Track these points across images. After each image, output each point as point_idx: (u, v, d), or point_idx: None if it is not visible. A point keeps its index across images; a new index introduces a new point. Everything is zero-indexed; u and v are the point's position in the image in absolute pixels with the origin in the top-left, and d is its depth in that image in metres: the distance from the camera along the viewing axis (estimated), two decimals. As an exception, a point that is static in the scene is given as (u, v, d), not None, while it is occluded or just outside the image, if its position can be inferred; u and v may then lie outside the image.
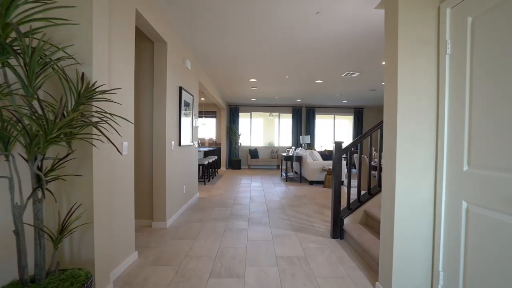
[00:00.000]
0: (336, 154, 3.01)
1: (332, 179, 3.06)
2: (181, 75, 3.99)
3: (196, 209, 4.29)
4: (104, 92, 1.61)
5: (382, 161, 3.08)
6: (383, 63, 4.82)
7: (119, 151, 1.57)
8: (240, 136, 10.80)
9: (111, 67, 2.06)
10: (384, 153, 1.91)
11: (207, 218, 3.78)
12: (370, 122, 10.96)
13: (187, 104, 4.29)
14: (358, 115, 10.82)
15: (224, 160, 10.17)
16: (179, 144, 3.91)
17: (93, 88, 1.60)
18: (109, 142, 1.66)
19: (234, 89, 7.72)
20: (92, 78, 1.68)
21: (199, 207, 4.39)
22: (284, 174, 8.15)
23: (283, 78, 6.25)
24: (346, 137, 11.24)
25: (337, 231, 3.04)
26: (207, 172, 7.04)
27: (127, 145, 2.30)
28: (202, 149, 6.99)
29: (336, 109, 10.98)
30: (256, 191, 5.94)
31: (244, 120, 11.04)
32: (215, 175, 8.25)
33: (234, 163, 10.21)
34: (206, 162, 6.55)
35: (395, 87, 1.76)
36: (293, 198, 5.23)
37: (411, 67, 1.72)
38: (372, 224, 2.89)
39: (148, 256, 2.54)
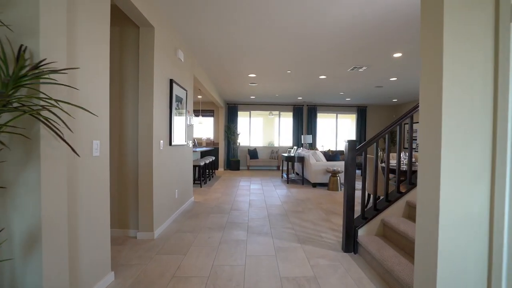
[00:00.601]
0: (349, 154, 2.60)
1: (345, 184, 2.65)
2: (172, 67, 3.57)
3: (189, 215, 3.87)
4: (53, 71, 1.19)
5: (401, 163, 2.66)
6: (395, 55, 4.41)
7: (74, 150, 1.16)
8: (239, 136, 10.39)
9: (75, 48, 1.63)
10: (421, 157, 1.50)
11: (201, 227, 3.36)
12: (373, 121, 10.56)
13: (179, 100, 3.87)
14: (362, 114, 10.42)
15: (222, 160, 9.74)
16: (170, 144, 3.49)
17: (38, 65, 1.18)
18: (60, 139, 1.25)
19: (233, 86, 7.31)
20: (38, 54, 1.26)
21: (193, 214, 3.97)
22: (285, 176, 7.74)
23: (284, 73, 5.84)
24: (349, 137, 10.83)
25: (350, 244, 2.62)
26: (203, 174, 6.62)
27: (99, 144, 1.88)
28: (199, 149, 6.57)
29: (338, 108, 10.58)
30: (256, 194, 5.52)
31: (243, 119, 10.63)
32: (212, 177, 7.83)
33: (233, 164, 9.79)
34: (202, 163, 6.13)
35: (439, 64, 1.34)
36: (296, 202, 4.82)
37: (461, 40, 1.31)
38: (392, 237, 2.48)
39: (126, 277, 2.12)
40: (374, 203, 2.69)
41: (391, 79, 6.14)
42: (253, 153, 10.11)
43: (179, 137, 3.88)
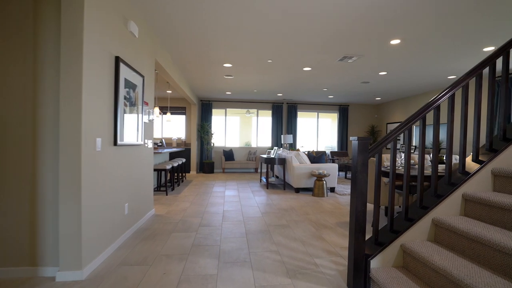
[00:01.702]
0: (360, 157, 1.89)
1: (352, 198, 1.94)
2: (120, 42, 2.67)
3: (144, 236, 2.97)
4: None
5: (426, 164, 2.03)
6: (393, 41, 3.83)
7: None
8: (213, 136, 9.50)
9: None
10: None
11: (157, 255, 2.49)
12: (355, 120, 10.18)
13: (131, 86, 2.97)
14: (343, 113, 9.99)
15: (194, 163, 8.79)
16: (115, 143, 2.59)
17: None
18: None
19: (206, 79, 6.43)
20: None
21: (149, 233, 3.07)
22: (264, 180, 7.00)
23: (264, 63, 5.10)
24: (330, 137, 10.36)
25: (360, 280, 1.92)
26: (171, 179, 5.68)
27: None
28: (167, 150, 5.62)
29: (320, 106, 10.06)
30: (231, 203, 4.71)
31: (218, 117, 9.75)
32: (182, 182, 6.89)
33: (206, 167, 8.88)
34: (169, 167, 5.20)
35: None
36: (279, 213, 4.08)
37: None
38: (418, 271, 1.80)
39: None
40: (390, 222, 2.00)
41: (380, 73, 5.64)
42: (229, 154, 9.27)
43: (130, 135, 2.97)
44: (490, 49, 4.14)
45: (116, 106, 2.58)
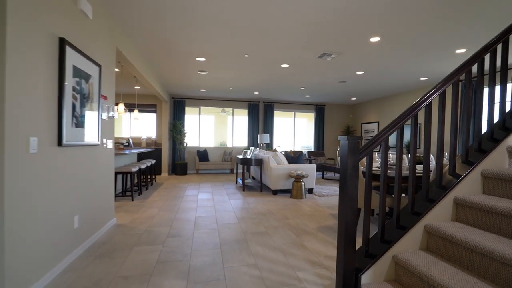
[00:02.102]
0: (350, 159, 1.65)
1: (341, 206, 1.70)
2: (66, 21, 2.22)
3: (100, 253, 2.54)
4: None
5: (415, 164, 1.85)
6: (373, 39, 3.72)
7: None
8: (187, 135, 9.01)
9: None
10: None
11: (112, 277, 2.09)
12: (331, 120, 10.21)
13: (83, 77, 2.51)
14: (320, 112, 9.97)
15: (166, 164, 8.25)
16: (60, 143, 2.14)
17: None
18: None
19: (177, 73, 5.98)
20: None
21: (106, 249, 2.64)
22: (240, 181, 6.70)
23: (240, 58, 4.79)
24: (307, 137, 10.31)
25: (350, 298, 1.68)
26: (138, 182, 5.17)
27: None
28: (134, 151, 5.11)
29: (297, 106, 9.96)
30: (205, 208, 4.35)
31: (191, 116, 9.26)
32: (151, 185, 6.37)
33: (179, 168, 8.38)
34: (136, 169, 4.71)
35: None
36: (256, 218, 3.80)
37: None
38: (413, 285, 1.60)
39: None
40: (382, 231, 1.80)
41: (357, 72, 5.58)
42: (203, 154, 8.84)
43: (83, 134, 2.52)
44: (462, 51, 4.19)
45: (61, 99, 2.14)
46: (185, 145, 8.76)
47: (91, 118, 2.70)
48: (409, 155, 4.65)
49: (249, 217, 3.81)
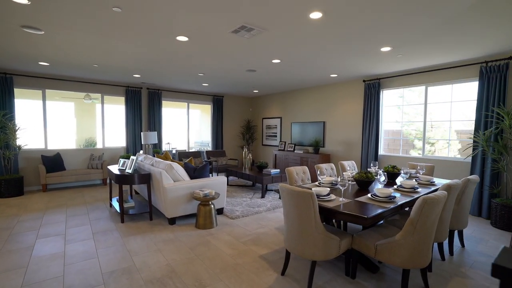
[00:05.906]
0: None
1: None
2: None
3: None
4: None
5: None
6: (313, 15, 2.70)
7: None
8: (19, 132, 5.81)
9: None
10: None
11: None
12: (231, 113, 9.12)
13: None
14: (218, 104, 8.70)
15: (-25, 183, 4.94)
16: None
17: None
18: None
19: (-25, 27, 3.23)
20: None
21: None
22: (118, 207, 4.61)
23: (109, 13, 2.83)
24: (205, 132, 8.88)
25: None
26: None
27: None
28: None
29: (191, 95, 8.28)
30: (40, 283, 2.30)
31: (30, 102, 6.03)
32: None
33: (8, 186, 5.23)
34: None
35: None
36: (148, 294, 2.19)
37: None
38: None
39: None
40: None
41: (273, 61, 4.59)
42: (54, 161, 5.93)
43: None
44: (387, 49, 3.86)
45: None
46: (17, 148, 5.58)
47: None
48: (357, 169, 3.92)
49: (134, 298, 2.15)
